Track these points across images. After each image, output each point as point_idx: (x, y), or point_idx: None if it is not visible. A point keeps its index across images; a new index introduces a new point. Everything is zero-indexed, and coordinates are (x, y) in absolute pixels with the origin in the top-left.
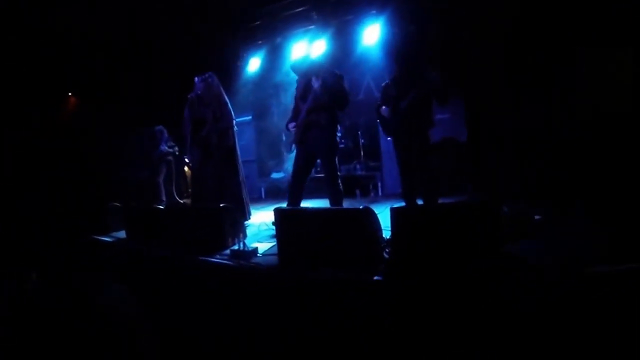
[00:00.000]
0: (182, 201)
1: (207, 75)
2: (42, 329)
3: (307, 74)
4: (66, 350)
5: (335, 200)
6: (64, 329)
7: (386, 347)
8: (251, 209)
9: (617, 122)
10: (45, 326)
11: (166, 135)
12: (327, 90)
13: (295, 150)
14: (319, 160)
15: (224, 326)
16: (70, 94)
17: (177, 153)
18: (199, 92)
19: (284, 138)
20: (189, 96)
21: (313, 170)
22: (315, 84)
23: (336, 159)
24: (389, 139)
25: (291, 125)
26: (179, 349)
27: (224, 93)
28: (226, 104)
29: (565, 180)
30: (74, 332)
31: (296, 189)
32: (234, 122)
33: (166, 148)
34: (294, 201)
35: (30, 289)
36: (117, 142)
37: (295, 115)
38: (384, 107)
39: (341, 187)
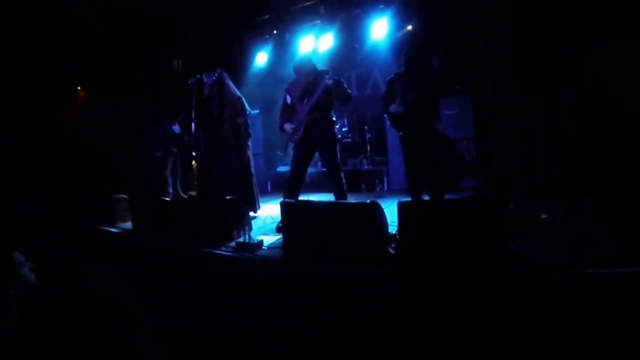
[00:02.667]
0: (185, 195)
1: (216, 73)
2: (42, 328)
3: (309, 74)
4: (66, 350)
5: (341, 194)
6: (64, 329)
7: (390, 343)
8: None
9: (632, 119)
10: (45, 326)
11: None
12: (337, 91)
13: (292, 150)
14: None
15: (226, 320)
16: (78, 88)
17: (186, 138)
18: (213, 91)
19: None
20: (189, 82)
21: (319, 164)
22: (327, 82)
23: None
24: (400, 133)
25: (288, 125)
26: (180, 347)
27: (235, 88)
28: (240, 98)
29: (576, 180)
30: (74, 332)
31: (297, 184)
32: (247, 114)
33: (178, 127)
34: (294, 197)
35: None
36: (123, 136)
37: (289, 115)
38: (394, 104)
39: (344, 180)
